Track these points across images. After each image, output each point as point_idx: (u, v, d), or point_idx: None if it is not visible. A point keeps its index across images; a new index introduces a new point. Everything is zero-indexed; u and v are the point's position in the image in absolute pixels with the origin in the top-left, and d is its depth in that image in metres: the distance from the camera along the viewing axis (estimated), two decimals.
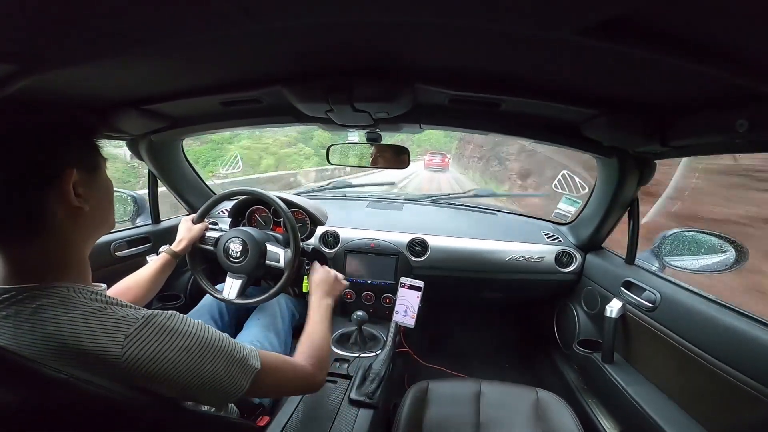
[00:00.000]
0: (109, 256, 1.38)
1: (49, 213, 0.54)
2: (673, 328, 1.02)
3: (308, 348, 0.88)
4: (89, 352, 0.51)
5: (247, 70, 0.82)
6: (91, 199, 0.58)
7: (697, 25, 0.44)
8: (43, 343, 0.51)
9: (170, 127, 1.26)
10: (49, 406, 0.49)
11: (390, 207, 1.91)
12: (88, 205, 0.58)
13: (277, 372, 0.74)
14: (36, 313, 0.51)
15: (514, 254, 1.56)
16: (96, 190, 0.60)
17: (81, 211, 0.57)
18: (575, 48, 0.55)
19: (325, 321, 1.00)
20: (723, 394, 0.86)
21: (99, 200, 0.61)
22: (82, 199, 0.56)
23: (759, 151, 0.80)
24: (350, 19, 0.53)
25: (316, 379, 0.84)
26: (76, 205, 0.55)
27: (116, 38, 0.53)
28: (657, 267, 1.27)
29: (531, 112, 0.98)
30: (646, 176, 1.19)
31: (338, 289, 1.16)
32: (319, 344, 0.91)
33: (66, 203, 0.55)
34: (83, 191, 0.57)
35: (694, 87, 0.66)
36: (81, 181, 0.56)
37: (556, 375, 1.66)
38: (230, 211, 1.49)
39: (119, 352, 0.52)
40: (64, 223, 0.55)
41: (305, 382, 0.82)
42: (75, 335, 0.51)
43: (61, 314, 0.52)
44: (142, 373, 0.54)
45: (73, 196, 0.55)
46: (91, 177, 0.59)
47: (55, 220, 0.54)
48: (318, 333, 0.94)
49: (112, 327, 0.53)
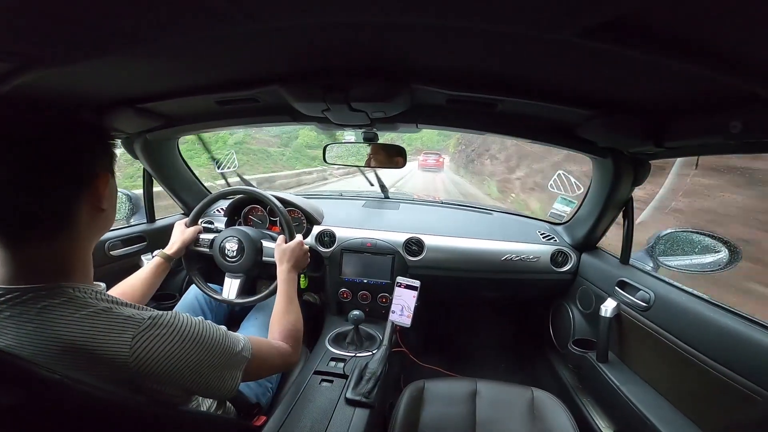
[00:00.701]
0: (103, 255, 1.37)
1: (77, 213, 0.56)
2: (667, 328, 1.03)
3: (285, 328, 0.93)
4: (97, 352, 0.52)
5: (243, 69, 0.82)
6: (111, 200, 0.62)
7: (693, 27, 0.45)
8: (47, 344, 0.51)
9: (166, 126, 1.25)
10: (45, 407, 0.48)
11: (386, 206, 1.91)
12: (109, 206, 0.61)
13: (266, 356, 0.79)
14: (41, 314, 0.51)
15: (509, 254, 1.57)
16: (112, 192, 0.63)
17: (102, 213, 0.60)
18: (572, 49, 0.55)
19: (295, 298, 1.04)
20: (716, 393, 0.87)
21: (113, 201, 0.64)
22: (105, 201, 0.59)
23: (752, 152, 0.81)
24: (347, 20, 0.53)
25: (294, 357, 0.90)
26: (104, 207, 0.59)
27: (111, 37, 0.52)
28: (651, 267, 1.28)
29: (527, 113, 0.98)
30: (641, 177, 1.19)
31: (305, 262, 1.19)
32: (295, 324, 0.96)
33: (94, 205, 0.58)
34: (107, 194, 0.60)
35: (689, 88, 0.67)
36: (108, 184, 0.60)
37: (551, 374, 1.67)
38: (226, 210, 1.49)
39: (128, 352, 0.53)
40: (84, 223, 0.57)
41: (287, 361, 0.88)
42: (82, 335, 0.52)
43: (67, 314, 0.52)
44: (149, 373, 0.55)
45: (103, 199, 0.58)
46: (113, 179, 0.63)
47: (80, 220, 0.56)
48: (293, 311, 0.99)
49: (120, 327, 0.54)
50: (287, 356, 0.87)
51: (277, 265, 1.11)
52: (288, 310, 0.98)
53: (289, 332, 0.92)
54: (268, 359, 0.80)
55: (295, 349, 0.91)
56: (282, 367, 0.89)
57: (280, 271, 1.09)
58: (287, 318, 0.96)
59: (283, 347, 0.87)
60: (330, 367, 1.21)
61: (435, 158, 19.99)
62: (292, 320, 0.96)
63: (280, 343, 0.87)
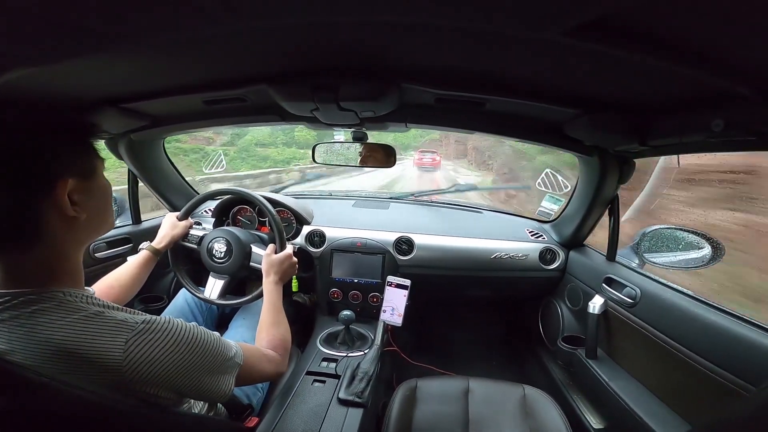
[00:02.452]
0: (88, 257, 1.34)
1: (43, 222, 0.52)
2: (653, 324, 1.05)
3: (274, 337, 0.92)
4: (89, 356, 0.51)
5: (231, 68, 0.81)
6: (88, 205, 0.56)
7: (676, 26, 0.45)
8: (39, 348, 0.50)
9: (151, 126, 1.23)
10: (36, 411, 0.48)
11: (376, 206, 1.91)
12: (85, 212, 0.56)
13: (256, 364, 0.79)
14: (32, 318, 0.51)
15: (498, 252, 1.58)
16: (93, 195, 0.59)
17: (77, 220, 0.55)
18: (558, 48, 0.56)
19: (281, 308, 1.03)
20: (702, 388, 0.89)
21: (96, 205, 0.59)
22: (78, 208, 0.54)
23: (734, 150, 0.83)
24: (336, 19, 0.52)
25: (282, 366, 0.89)
26: (71, 215, 0.53)
27: (94, 36, 0.51)
28: (637, 263, 1.30)
29: (515, 112, 0.99)
30: (626, 175, 1.21)
31: (292, 274, 1.18)
32: (283, 333, 0.96)
33: (61, 212, 0.53)
34: (80, 198, 0.55)
35: (673, 87, 0.68)
36: (77, 189, 0.54)
37: (542, 371, 1.68)
38: (214, 210, 1.47)
39: (120, 357, 0.52)
40: (58, 231, 0.54)
41: (276, 369, 0.87)
42: (74, 339, 0.51)
43: (58, 319, 0.51)
44: (142, 377, 0.54)
45: (68, 206, 0.53)
46: (87, 182, 0.57)
47: (50, 228, 0.53)
48: (281, 322, 0.99)
49: (112, 331, 0.53)
50: (276, 364, 0.87)
51: (263, 276, 1.10)
52: (275, 321, 0.98)
53: (277, 341, 0.91)
54: (258, 366, 0.80)
55: (284, 357, 0.90)
56: (272, 374, 0.88)
57: (265, 282, 1.08)
58: (275, 327, 0.96)
59: (272, 355, 0.87)
60: (322, 367, 1.20)
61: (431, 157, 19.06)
62: (280, 330, 0.96)
63: (269, 351, 0.87)
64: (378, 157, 1.36)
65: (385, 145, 1.34)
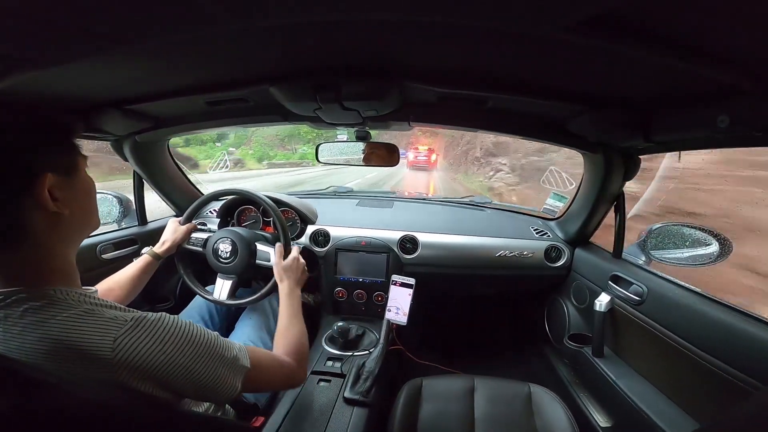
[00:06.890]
0: (95, 258, 1.36)
1: (26, 220, 0.52)
2: (661, 321, 1.04)
3: (290, 343, 0.90)
4: (80, 353, 0.51)
5: (233, 69, 0.81)
6: (70, 202, 0.56)
7: (680, 22, 0.45)
8: (34, 346, 0.50)
9: (155, 127, 1.24)
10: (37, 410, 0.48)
11: (380, 205, 1.91)
12: (68, 209, 0.55)
13: (266, 369, 0.76)
14: (25, 316, 0.51)
15: (503, 250, 1.57)
16: (75, 192, 0.58)
17: (60, 216, 0.55)
18: (560, 45, 0.55)
19: (299, 314, 1.01)
20: (710, 386, 0.88)
21: (80, 202, 0.59)
22: (60, 204, 0.54)
23: (740, 146, 0.82)
24: (338, 18, 0.52)
25: (300, 373, 0.86)
26: (53, 210, 0.53)
27: (98, 38, 0.52)
28: (643, 260, 1.29)
29: (518, 109, 0.98)
30: (631, 171, 1.20)
31: (304, 279, 1.17)
32: (300, 339, 0.93)
33: (43, 209, 0.52)
34: (61, 195, 0.54)
35: (677, 83, 0.68)
36: (58, 185, 0.54)
37: (548, 369, 1.67)
38: (219, 211, 1.48)
39: (110, 354, 0.52)
40: (43, 229, 0.53)
41: (291, 377, 0.84)
42: (67, 335, 0.51)
43: (49, 317, 0.52)
44: (134, 375, 0.54)
45: (50, 202, 0.52)
46: (69, 179, 0.57)
47: (34, 227, 0.52)
48: (297, 327, 0.96)
49: (102, 328, 0.53)
50: (291, 372, 0.84)
51: (278, 284, 1.09)
52: (292, 326, 0.96)
53: (293, 347, 0.89)
54: (267, 372, 0.77)
55: (301, 365, 0.87)
56: (284, 383, 0.85)
57: (282, 288, 1.07)
58: (291, 333, 0.93)
59: (287, 362, 0.84)
60: (327, 366, 1.21)
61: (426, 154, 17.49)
62: (297, 336, 0.93)
63: (284, 358, 0.84)
64: (381, 155, 1.36)
65: (388, 144, 1.34)
